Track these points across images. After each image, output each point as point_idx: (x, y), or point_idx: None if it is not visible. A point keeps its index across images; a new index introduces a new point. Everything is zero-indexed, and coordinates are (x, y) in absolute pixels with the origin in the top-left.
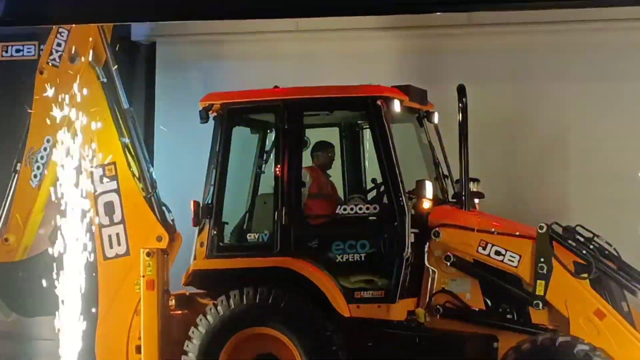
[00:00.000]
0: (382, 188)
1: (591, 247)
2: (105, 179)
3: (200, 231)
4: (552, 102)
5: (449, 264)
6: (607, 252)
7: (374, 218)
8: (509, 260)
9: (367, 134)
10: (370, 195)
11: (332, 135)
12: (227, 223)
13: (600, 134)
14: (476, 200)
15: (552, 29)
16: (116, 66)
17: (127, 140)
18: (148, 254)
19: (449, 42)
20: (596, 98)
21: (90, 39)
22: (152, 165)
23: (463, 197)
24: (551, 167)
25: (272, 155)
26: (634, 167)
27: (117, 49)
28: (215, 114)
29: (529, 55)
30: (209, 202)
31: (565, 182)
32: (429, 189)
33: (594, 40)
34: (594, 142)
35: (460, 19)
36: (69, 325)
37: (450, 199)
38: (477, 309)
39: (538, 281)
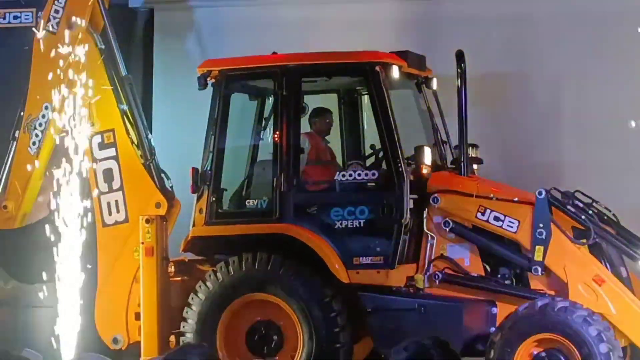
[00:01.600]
0: (381, 154)
1: (590, 212)
2: (103, 146)
3: (199, 198)
4: (549, 67)
5: (447, 229)
6: (606, 217)
7: (373, 184)
8: (507, 225)
9: (366, 100)
10: (369, 162)
11: (330, 101)
12: (226, 190)
13: (598, 99)
14: (475, 166)
15: None
16: (114, 33)
17: (125, 107)
18: (147, 221)
19: (447, 8)
20: (593, 62)
21: (89, 5)
22: (151, 132)
23: (462, 163)
24: (550, 133)
25: (270, 122)
26: (633, 132)
27: (115, 16)
28: (213, 80)
29: (526, 21)
30: (208, 168)
31: (564, 147)
32: (427, 155)
33: (590, 6)
34: (592, 108)
35: None
36: (68, 292)
37: (449, 165)
38: (476, 275)
39: (537, 247)
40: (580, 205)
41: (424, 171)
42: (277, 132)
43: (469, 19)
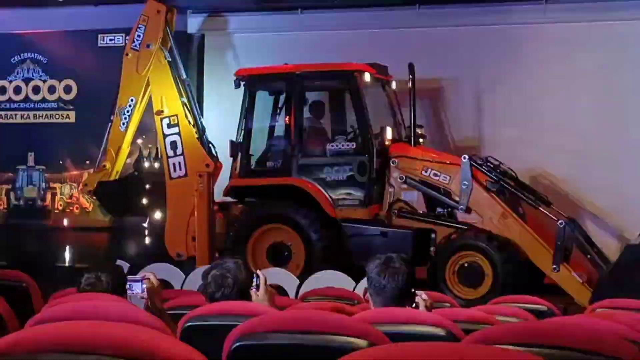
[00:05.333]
0: (358, 132)
1: (498, 171)
2: (170, 126)
3: (234, 160)
4: (471, 73)
5: (402, 182)
6: (508, 174)
7: (352, 151)
8: (443, 179)
9: (348, 95)
10: (350, 137)
11: (324, 96)
12: (252, 155)
13: (506, 94)
14: (421, 140)
15: None
16: (178, 49)
17: (185, 100)
18: (200, 176)
19: (408, 38)
20: (501, 67)
21: (160, 32)
22: (202, 116)
23: (412, 138)
24: (472, 116)
25: (283, 110)
26: (527, 116)
27: (177, 38)
28: (244, 82)
29: (454, 40)
30: (241, 141)
31: (482, 126)
32: (389, 132)
33: (502, 27)
34: (501, 101)
35: None
36: (146, 222)
37: (403, 139)
38: (421, 212)
39: (462, 194)
40: (492, 165)
41: (386, 143)
42: (288, 117)
43: (424, 38)
